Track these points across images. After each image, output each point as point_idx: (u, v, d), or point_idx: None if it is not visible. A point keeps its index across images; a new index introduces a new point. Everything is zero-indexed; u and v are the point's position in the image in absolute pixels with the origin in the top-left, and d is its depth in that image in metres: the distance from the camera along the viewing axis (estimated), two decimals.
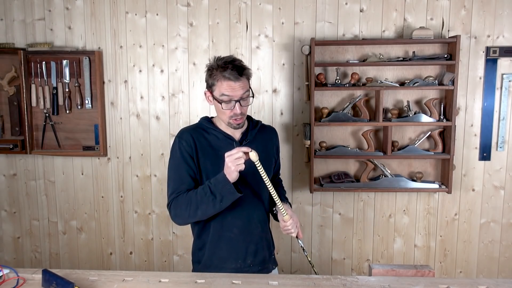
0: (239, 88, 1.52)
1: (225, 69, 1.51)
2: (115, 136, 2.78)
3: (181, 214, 1.57)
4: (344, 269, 2.82)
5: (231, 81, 1.51)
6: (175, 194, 1.59)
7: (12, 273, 1.40)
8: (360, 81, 2.62)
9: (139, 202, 2.83)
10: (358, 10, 2.60)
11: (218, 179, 1.49)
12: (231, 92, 1.52)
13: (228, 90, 1.52)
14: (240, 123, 1.59)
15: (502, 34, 2.58)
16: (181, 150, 1.61)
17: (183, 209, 1.56)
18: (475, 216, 2.74)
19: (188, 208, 1.54)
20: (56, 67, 2.70)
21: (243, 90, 1.53)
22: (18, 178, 2.86)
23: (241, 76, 1.52)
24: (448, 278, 1.86)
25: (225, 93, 1.52)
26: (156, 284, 1.36)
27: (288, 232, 1.63)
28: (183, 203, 1.56)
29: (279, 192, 1.78)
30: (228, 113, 1.56)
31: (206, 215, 1.58)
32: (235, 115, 1.55)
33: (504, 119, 2.63)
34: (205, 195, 1.51)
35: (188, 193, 1.56)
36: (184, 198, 1.56)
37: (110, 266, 2.90)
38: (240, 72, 1.52)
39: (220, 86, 1.53)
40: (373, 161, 2.63)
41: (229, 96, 1.52)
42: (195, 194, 1.54)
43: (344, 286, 1.35)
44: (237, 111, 1.54)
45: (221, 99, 1.54)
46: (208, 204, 1.51)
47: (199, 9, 2.65)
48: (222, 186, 1.47)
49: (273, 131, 1.82)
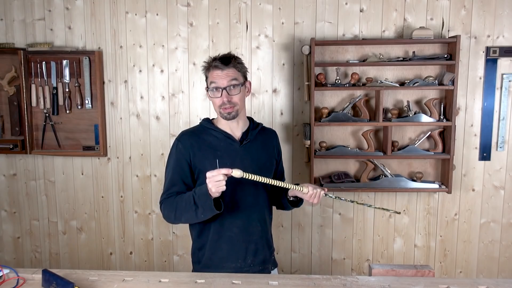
0: (225, 76, 1.58)
1: (215, 60, 1.61)
2: (115, 136, 2.78)
3: (169, 216, 1.63)
4: (344, 269, 2.82)
5: (218, 70, 1.59)
6: (166, 195, 1.64)
7: (12, 273, 1.41)
8: (360, 81, 2.62)
9: (139, 202, 2.83)
10: (358, 10, 2.60)
11: (202, 190, 1.50)
12: (217, 79, 1.59)
13: (216, 78, 1.59)
14: (231, 112, 1.61)
15: (502, 34, 2.58)
16: (177, 153, 1.66)
17: (170, 212, 1.61)
18: (475, 216, 2.74)
19: (174, 212, 1.59)
20: (56, 67, 2.70)
21: (230, 78, 1.59)
22: (18, 178, 2.86)
23: (227, 65, 1.58)
24: (448, 278, 1.86)
25: (213, 81, 1.60)
26: (156, 284, 1.37)
27: (318, 196, 1.58)
28: (171, 207, 1.61)
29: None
30: (217, 102, 1.61)
31: (192, 222, 1.64)
32: (223, 104, 1.59)
33: (504, 119, 2.63)
34: (189, 203, 1.54)
35: (176, 198, 1.60)
36: (173, 202, 1.61)
37: (110, 266, 2.90)
38: (226, 62, 1.59)
39: (210, 76, 1.62)
40: (373, 161, 2.63)
41: (215, 83, 1.59)
42: (182, 200, 1.58)
43: (344, 286, 1.35)
44: (224, 99, 1.58)
45: (210, 88, 1.61)
46: (191, 213, 1.55)
47: (199, 9, 2.65)
48: (204, 200, 1.49)
49: (273, 133, 1.85)
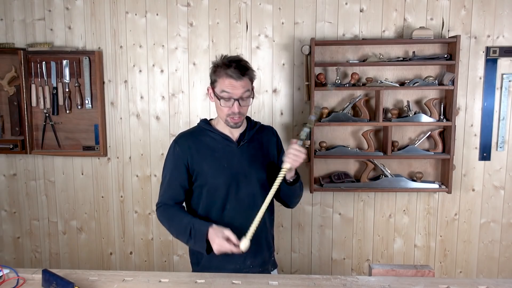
0: (240, 87, 1.53)
1: (229, 67, 1.53)
2: (115, 136, 2.78)
3: (162, 223, 1.67)
4: (344, 269, 2.82)
5: (233, 79, 1.52)
6: (164, 199, 1.66)
7: (12, 273, 1.41)
8: (360, 81, 2.62)
9: (139, 202, 2.83)
10: (358, 10, 2.60)
11: (201, 231, 1.52)
12: (231, 90, 1.53)
13: (229, 88, 1.53)
14: (238, 122, 1.59)
15: (502, 34, 2.57)
16: (174, 156, 1.66)
17: (164, 222, 1.65)
18: (475, 216, 2.74)
19: (168, 225, 1.64)
20: (56, 67, 2.70)
21: (244, 89, 1.54)
22: (18, 178, 2.86)
23: (243, 76, 1.53)
24: (448, 278, 1.86)
25: (226, 90, 1.54)
26: (156, 284, 1.37)
27: (296, 155, 1.51)
28: (166, 219, 1.64)
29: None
30: (226, 111, 1.57)
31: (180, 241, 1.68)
32: (232, 114, 1.56)
33: (504, 119, 2.63)
34: (184, 230, 1.56)
35: (174, 213, 1.62)
36: (170, 216, 1.63)
37: (110, 266, 2.90)
38: (243, 72, 1.53)
39: (222, 83, 1.54)
40: (373, 161, 2.63)
41: (229, 94, 1.54)
42: (180, 222, 1.59)
43: (344, 286, 1.35)
44: (235, 110, 1.55)
45: (221, 96, 1.55)
46: (183, 237, 1.58)
47: (199, 9, 2.65)
48: (199, 239, 1.52)
49: (271, 130, 1.82)
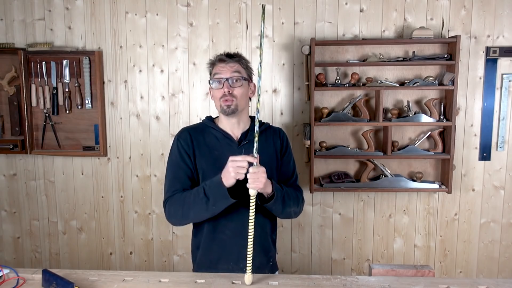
0: (229, 68, 1.61)
1: (221, 55, 1.66)
2: (115, 136, 2.78)
3: (175, 213, 1.57)
4: (344, 269, 2.82)
5: (222, 62, 1.63)
6: (170, 192, 1.60)
7: (12, 273, 1.41)
8: (360, 81, 2.62)
9: (139, 202, 2.83)
10: (358, 10, 2.60)
11: (213, 181, 1.47)
12: (220, 71, 1.62)
13: (219, 69, 1.62)
14: (230, 105, 1.60)
15: (502, 34, 2.57)
16: (179, 149, 1.63)
17: (177, 208, 1.55)
18: (475, 216, 2.74)
19: (181, 208, 1.54)
20: (56, 67, 2.70)
21: (232, 70, 1.62)
22: (18, 178, 2.86)
23: (231, 58, 1.63)
24: (448, 278, 1.86)
25: (216, 72, 1.63)
26: (156, 284, 1.37)
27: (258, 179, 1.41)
28: (177, 203, 1.55)
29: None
30: (218, 94, 1.61)
31: (199, 218, 1.57)
32: (224, 96, 1.59)
33: (504, 119, 2.63)
34: (198, 196, 1.49)
35: (183, 193, 1.56)
36: (179, 198, 1.56)
37: (110, 266, 2.90)
38: (231, 55, 1.65)
39: (214, 69, 1.65)
40: (373, 161, 2.63)
41: (218, 75, 1.61)
42: (190, 195, 1.53)
43: (344, 286, 1.35)
44: (225, 89, 1.59)
45: (213, 80, 1.63)
46: (201, 206, 1.49)
47: (199, 9, 2.65)
48: (217, 190, 1.45)
49: (278, 132, 1.77)
